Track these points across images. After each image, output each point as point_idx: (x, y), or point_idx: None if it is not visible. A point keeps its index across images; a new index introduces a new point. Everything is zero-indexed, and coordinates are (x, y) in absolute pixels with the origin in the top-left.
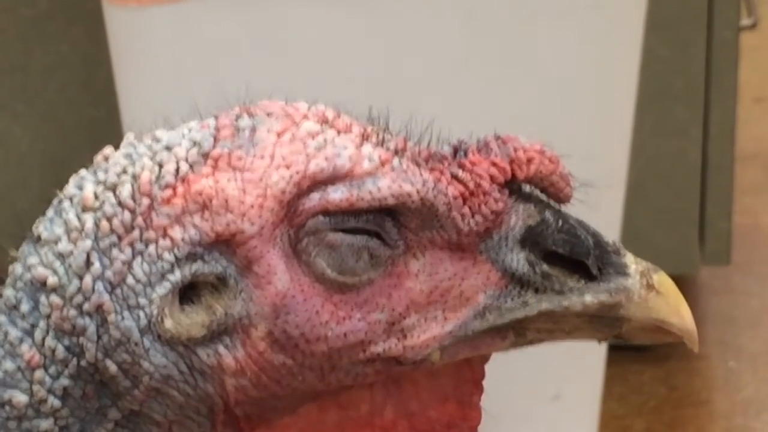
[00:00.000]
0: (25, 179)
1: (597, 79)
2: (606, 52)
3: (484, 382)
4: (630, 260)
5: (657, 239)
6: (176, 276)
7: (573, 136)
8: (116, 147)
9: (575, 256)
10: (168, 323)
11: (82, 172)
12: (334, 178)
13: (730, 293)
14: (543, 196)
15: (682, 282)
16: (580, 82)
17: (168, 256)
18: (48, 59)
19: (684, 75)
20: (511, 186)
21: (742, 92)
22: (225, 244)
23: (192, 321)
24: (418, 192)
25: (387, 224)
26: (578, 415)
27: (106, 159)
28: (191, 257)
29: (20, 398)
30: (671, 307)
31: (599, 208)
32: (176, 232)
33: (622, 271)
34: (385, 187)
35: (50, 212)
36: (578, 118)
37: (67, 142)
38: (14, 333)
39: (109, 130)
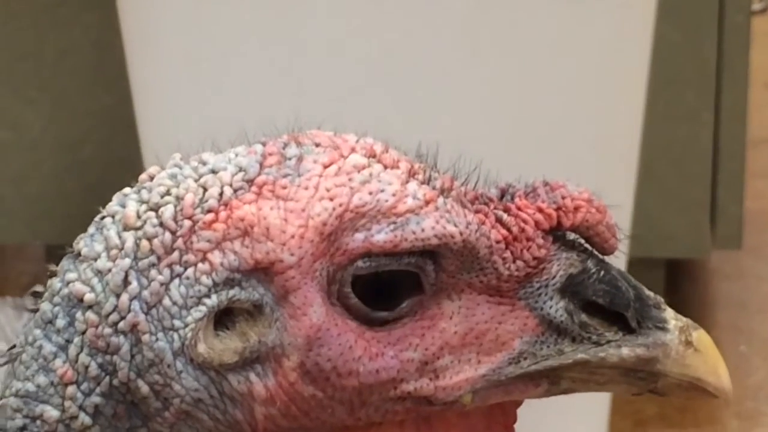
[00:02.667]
0: (38, 164)
1: (608, 65)
2: (617, 37)
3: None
4: (670, 315)
5: (668, 224)
6: (213, 300)
7: (584, 121)
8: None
9: (615, 308)
10: (201, 347)
11: (126, 189)
12: (377, 213)
13: (741, 278)
14: (587, 245)
15: (693, 266)
16: (591, 68)
17: (206, 280)
18: (60, 45)
19: (695, 60)
20: (556, 233)
21: (753, 77)
22: (263, 272)
23: (225, 347)
24: (461, 233)
25: (428, 267)
26: (590, 399)
27: (151, 178)
28: (229, 283)
29: (52, 413)
30: (709, 366)
31: (611, 192)
32: (215, 257)
33: (661, 326)
34: (428, 227)
35: (91, 228)
36: (590, 103)
37: (80, 127)
38: (49, 348)
39: (121, 115)
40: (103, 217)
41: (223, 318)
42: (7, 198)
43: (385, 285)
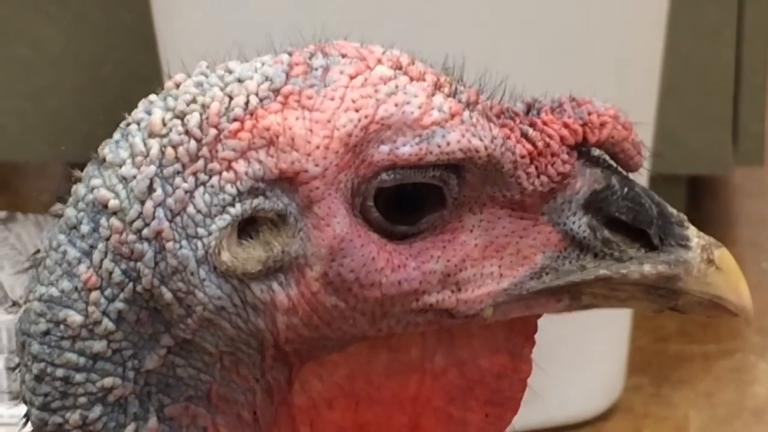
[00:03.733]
0: (59, 81)
1: None
2: None
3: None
4: (693, 233)
5: (690, 141)
6: (237, 209)
7: (607, 38)
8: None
9: (638, 225)
10: (225, 256)
11: (152, 96)
12: (402, 125)
13: (764, 194)
14: (611, 162)
15: (716, 183)
16: None
17: (230, 189)
18: None
19: None
20: (581, 149)
21: None
22: (288, 182)
23: (249, 255)
24: (486, 148)
25: (451, 180)
26: (611, 315)
27: (177, 85)
28: (253, 192)
29: (75, 318)
30: (730, 284)
31: (633, 109)
32: (240, 166)
33: (683, 243)
34: (454, 141)
35: (117, 135)
36: (612, 20)
37: (100, 44)
38: (73, 253)
39: (141, 31)
40: (128, 124)
41: (247, 227)
42: (27, 115)
43: (407, 198)
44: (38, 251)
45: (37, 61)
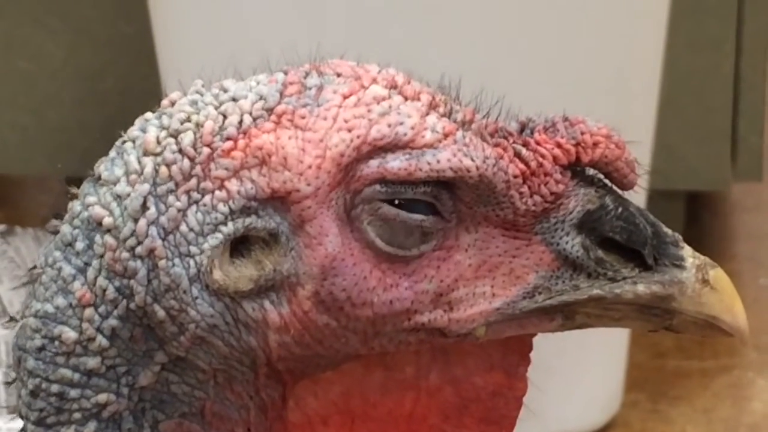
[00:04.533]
0: (59, 94)
1: None
2: None
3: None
4: (687, 253)
5: (689, 156)
6: (229, 228)
7: (606, 52)
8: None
9: (632, 245)
10: (217, 274)
11: (148, 115)
12: (394, 147)
13: (762, 209)
14: (605, 181)
15: (714, 198)
16: None
17: (222, 208)
18: None
19: None
20: (574, 169)
21: None
22: (280, 201)
23: (240, 274)
24: (477, 168)
25: (443, 196)
26: (609, 331)
27: (172, 104)
28: (245, 211)
29: (70, 334)
30: (724, 305)
31: (631, 124)
32: (233, 185)
33: (678, 263)
34: (444, 159)
35: (112, 152)
36: (611, 34)
37: (100, 58)
38: (68, 270)
39: (141, 45)
40: (124, 142)
41: (239, 246)
42: (27, 129)
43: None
44: (35, 267)
45: (38, 74)
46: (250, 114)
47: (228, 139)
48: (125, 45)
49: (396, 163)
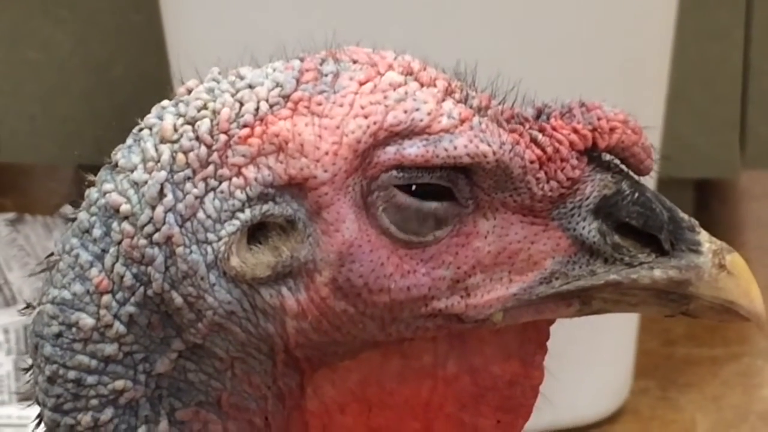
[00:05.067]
0: (68, 83)
1: None
2: None
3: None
4: (704, 238)
5: (698, 144)
6: (246, 215)
7: (615, 41)
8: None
9: (648, 230)
10: (234, 261)
11: (164, 102)
12: (410, 132)
13: None
14: (622, 167)
15: (723, 187)
16: None
17: (240, 195)
18: None
19: None
20: (591, 154)
21: None
22: (297, 187)
23: (258, 261)
24: (494, 153)
25: (460, 182)
26: (619, 318)
27: (189, 91)
28: (262, 197)
29: (87, 321)
30: (741, 289)
31: (641, 112)
32: (250, 172)
33: (694, 248)
34: (461, 145)
35: (129, 140)
36: (621, 24)
37: (109, 47)
38: (85, 256)
39: (150, 34)
40: (140, 129)
41: (256, 232)
42: (36, 118)
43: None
44: (51, 254)
45: (47, 64)
46: (267, 101)
47: (245, 126)
48: (134, 34)
49: (413, 149)
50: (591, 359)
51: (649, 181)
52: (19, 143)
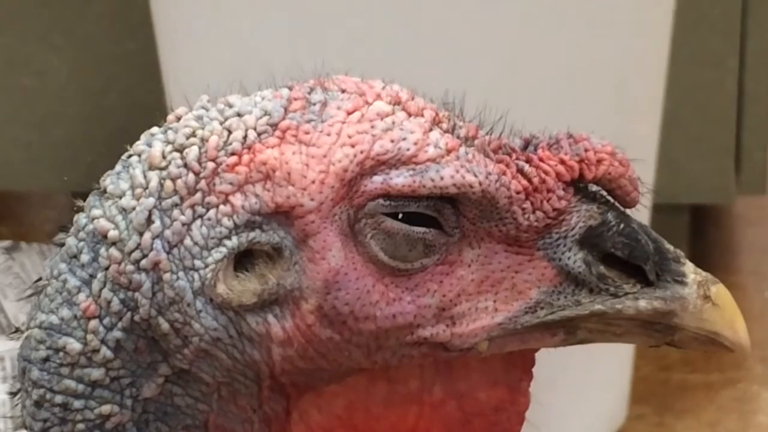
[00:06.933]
0: (63, 110)
1: (633, 10)
2: None
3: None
4: (689, 269)
5: (693, 169)
6: (233, 242)
7: (610, 66)
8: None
9: (633, 261)
10: (220, 288)
11: (154, 129)
12: (397, 161)
13: (766, 223)
14: (608, 198)
15: (718, 212)
16: (616, 13)
17: (227, 222)
18: None
19: (720, 4)
20: (577, 185)
21: None
22: (284, 215)
23: (244, 288)
24: (480, 183)
25: (446, 211)
26: (614, 345)
27: (178, 119)
28: (249, 225)
29: (74, 346)
30: (726, 320)
31: (635, 139)
32: (237, 199)
33: (680, 279)
34: (447, 176)
35: (118, 166)
36: (614, 48)
37: (104, 74)
38: (73, 282)
39: (145, 62)
40: (129, 156)
41: (243, 260)
42: (32, 145)
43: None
44: (40, 279)
45: (42, 91)
46: (255, 129)
47: (233, 153)
48: (129, 61)
49: (400, 179)
50: (587, 385)
51: (644, 207)
52: (14, 170)
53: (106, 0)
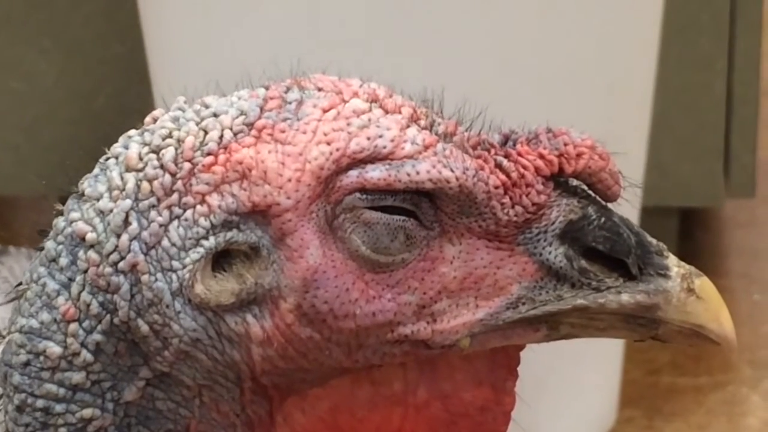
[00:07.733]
0: (52, 114)
1: (622, 11)
2: None
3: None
4: (672, 262)
5: (682, 172)
6: (210, 242)
7: (598, 68)
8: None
9: (615, 254)
10: (198, 288)
11: (131, 131)
12: (374, 159)
13: (755, 226)
14: (589, 192)
15: (707, 215)
16: (605, 14)
17: (204, 222)
18: None
19: (709, 7)
20: (557, 180)
21: (767, 24)
22: (261, 214)
23: (222, 288)
24: (457, 179)
25: (424, 205)
26: (603, 347)
27: (155, 120)
28: (227, 225)
29: (54, 350)
30: (710, 313)
31: (624, 141)
32: (214, 199)
33: (662, 272)
34: (423, 171)
35: (96, 169)
36: (603, 51)
37: (93, 77)
38: (52, 285)
39: (133, 65)
40: (107, 158)
41: (220, 260)
42: (20, 149)
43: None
44: (21, 283)
45: (30, 94)
46: (231, 129)
47: (209, 154)
48: (118, 64)
49: (375, 173)
50: (576, 388)
51: (633, 210)
52: (2, 174)
53: (94, 3)
